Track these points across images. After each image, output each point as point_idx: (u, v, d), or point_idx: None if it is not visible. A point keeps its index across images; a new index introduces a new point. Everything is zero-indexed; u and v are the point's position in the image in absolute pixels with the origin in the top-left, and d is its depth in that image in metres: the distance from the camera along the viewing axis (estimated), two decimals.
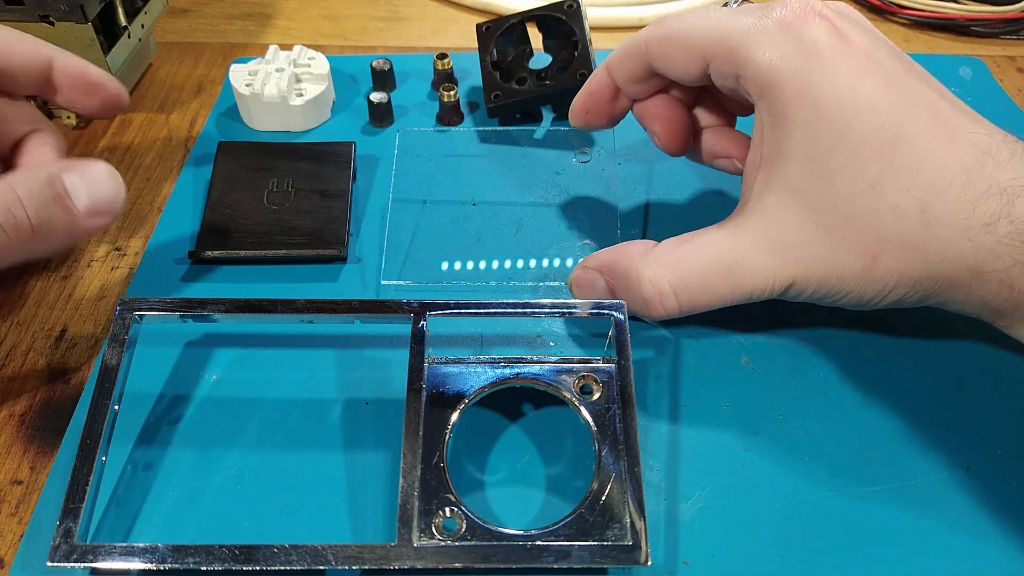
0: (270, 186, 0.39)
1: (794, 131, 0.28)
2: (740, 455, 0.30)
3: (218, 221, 0.37)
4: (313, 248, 0.36)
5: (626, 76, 0.35)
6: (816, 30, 0.28)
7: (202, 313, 0.31)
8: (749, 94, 0.30)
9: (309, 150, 0.41)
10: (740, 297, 0.30)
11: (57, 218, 0.28)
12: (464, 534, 0.26)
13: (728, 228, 0.30)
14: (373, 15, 0.55)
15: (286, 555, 0.25)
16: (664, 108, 0.36)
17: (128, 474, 0.29)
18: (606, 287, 0.32)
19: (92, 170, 0.29)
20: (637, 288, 0.31)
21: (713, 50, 0.30)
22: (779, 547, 0.28)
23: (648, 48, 0.33)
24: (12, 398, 0.32)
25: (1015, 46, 0.52)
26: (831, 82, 0.28)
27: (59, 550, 0.25)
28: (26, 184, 0.27)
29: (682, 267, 0.30)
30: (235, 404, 0.31)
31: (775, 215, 0.29)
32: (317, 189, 0.39)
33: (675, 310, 0.30)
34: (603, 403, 0.29)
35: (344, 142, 0.41)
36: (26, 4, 0.41)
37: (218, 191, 0.39)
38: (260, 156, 0.40)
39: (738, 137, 0.37)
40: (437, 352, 0.31)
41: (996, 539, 0.28)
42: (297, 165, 0.40)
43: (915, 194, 0.27)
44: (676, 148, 0.36)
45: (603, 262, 0.32)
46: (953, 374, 0.33)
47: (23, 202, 0.27)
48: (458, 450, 0.30)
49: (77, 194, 0.28)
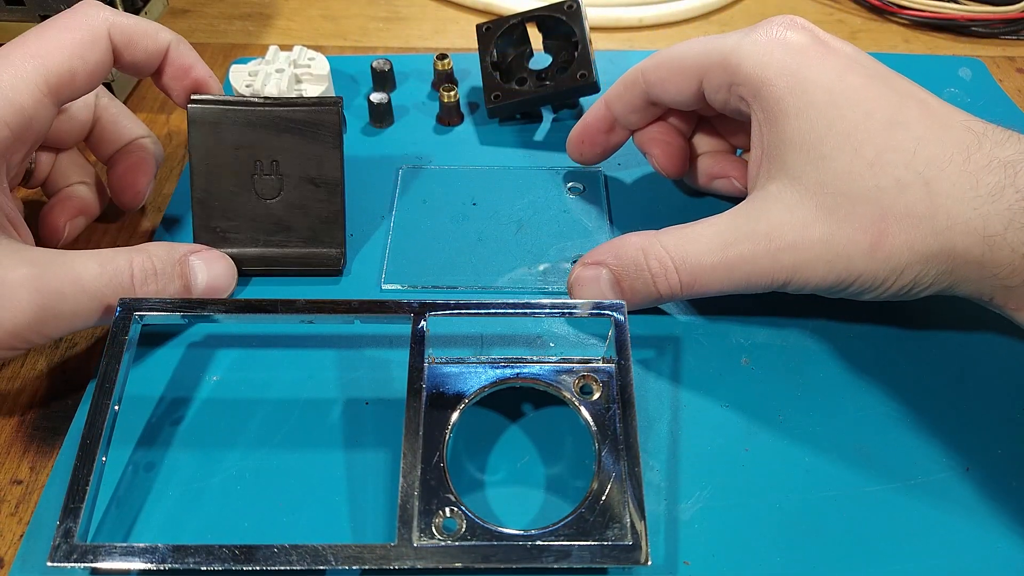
0: (256, 169, 0.35)
1: (788, 122, 0.29)
2: (740, 455, 0.30)
3: (207, 218, 0.35)
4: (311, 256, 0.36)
5: (624, 107, 0.36)
6: (800, 36, 0.30)
7: (202, 313, 0.31)
8: (743, 99, 0.31)
9: (291, 119, 0.35)
10: (738, 280, 0.30)
11: (177, 292, 0.33)
12: (464, 534, 0.26)
13: (729, 214, 0.31)
14: (373, 15, 0.55)
15: (286, 555, 0.25)
16: (662, 133, 0.37)
17: (129, 474, 0.29)
18: (610, 279, 0.32)
19: (214, 262, 0.34)
20: (645, 266, 0.31)
21: (705, 65, 0.32)
22: (779, 547, 0.28)
23: (645, 76, 0.35)
24: (12, 398, 0.33)
25: (1015, 46, 0.52)
26: (818, 75, 0.29)
27: (59, 550, 0.25)
28: (162, 259, 0.32)
29: (684, 246, 0.30)
30: (235, 404, 0.31)
31: (774, 200, 0.29)
32: (307, 176, 0.36)
33: (677, 287, 0.31)
34: (603, 403, 0.29)
35: (328, 101, 0.36)
36: (27, 4, 0.41)
37: (201, 178, 0.35)
38: (239, 127, 0.35)
39: (735, 160, 0.37)
40: (437, 352, 0.31)
41: (996, 539, 0.28)
42: (279, 140, 0.35)
43: (916, 169, 0.27)
44: (673, 170, 0.37)
45: (606, 252, 0.32)
46: (953, 374, 0.33)
47: (157, 275, 0.32)
48: (458, 450, 0.30)
49: (196, 279, 0.33)
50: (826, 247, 0.28)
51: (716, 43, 0.32)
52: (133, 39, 0.33)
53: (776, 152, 0.30)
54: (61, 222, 0.36)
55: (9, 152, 0.30)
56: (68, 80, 0.31)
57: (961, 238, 0.27)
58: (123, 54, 0.33)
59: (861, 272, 0.28)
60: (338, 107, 0.35)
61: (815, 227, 0.28)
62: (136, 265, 0.31)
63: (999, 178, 0.26)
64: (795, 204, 0.29)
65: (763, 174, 0.31)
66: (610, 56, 0.49)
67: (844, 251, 0.28)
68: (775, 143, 0.30)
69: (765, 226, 0.29)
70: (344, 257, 0.36)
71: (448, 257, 0.37)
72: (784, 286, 0.30)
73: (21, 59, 0.30)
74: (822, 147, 0.28)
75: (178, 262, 0.33)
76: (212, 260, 0.34)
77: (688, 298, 0.32)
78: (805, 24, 0.31)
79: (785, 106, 0.29)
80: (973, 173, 0.27)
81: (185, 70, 0.35)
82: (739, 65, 0.31)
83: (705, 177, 0.38)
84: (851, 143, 0.28)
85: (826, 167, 0.28)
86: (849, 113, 0.28)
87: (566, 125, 0.44)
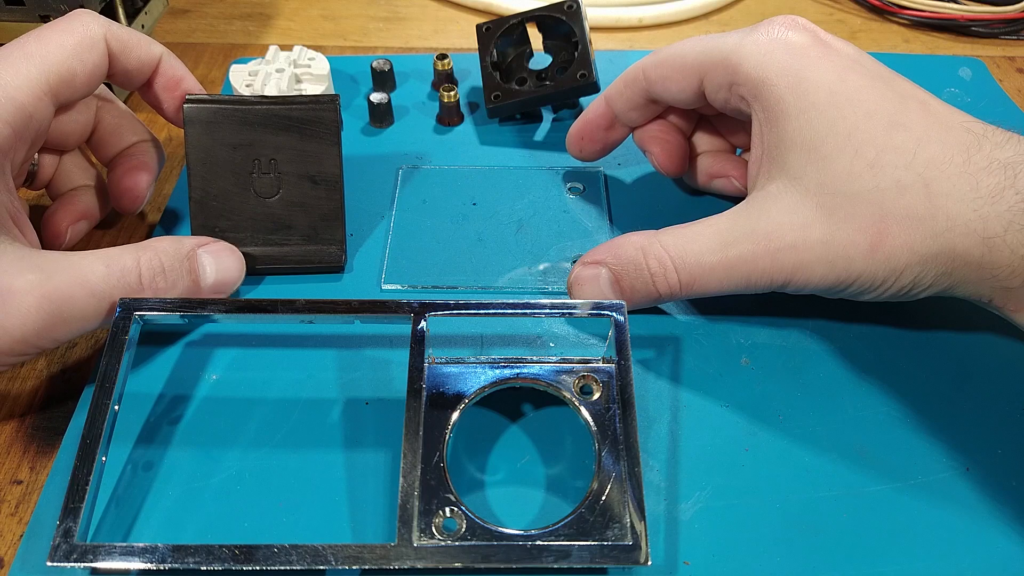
0: (254, 168, 0.35)
1: (788, 122, 0.29)
2: (740, 455, 0.30)
3: (206, 218, 0.35)
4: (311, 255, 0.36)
5: (625, 104, 0.36)
6: (801, 36, 0.30)
7: (202, 313, 0.31)
8: (743, 99, 0.31)
9: (288, 116, 0.35)
10: (738, 280, 0.30)
11: (186, 288, 0.32)
12: (464, 534, 0.26)
13: (729, 214, 0.31)
14: (373, 15, 0.55)
15: (286, 555, 0.25)
16: (662, 132, 0.37)
17: (128, 474, 0.29)
18: (610, 278, 0.32)
19: (223, 255, 0.33)
20: (644, 265, 0.31)
21: (706, 64, 0.32)
22: (779, 547, 0.28)
23: (646, 74, 0.35)
24: (12, 398, 0.33)
25: (1015, 46, 0.52)
26: (820, 76, 0.29)
27: (59, 550, 0.25)
28: (169, 256, 0.32)
29: (684, 246, 0.30)
30: (235, 404, 0.31)
31: (774, 201, 0.29)
32: (306, 173, 0.35)
33: (676, 287, 0.31)
34: (603, 403, 0.29)
35: (326, 99, 0.36)
36: (27, 4, 0.41)
37: (199, 178, 0.35)
38: (235, 126, 0.35)
39: (735, 159, 0.37)
40: (437, 353, 0.31)
41: (996, 539, 0.28)
42: (277, 138, 0.35)
43: (916, 170, 0.27)
44: (673, 168, 0.37)
45: (605, 252, 0.32)
46: (953, 374, 0.33)
47: (165, 272, 0.31)
48: (458, 450, 0.30)
49: (205, 273, 0.33)
50: (826, 248, 0.28)
51: (717, 42, 0.32)
52: (128, 46, 0.33)
53: (776, 152, 0.30)
54: (64, 226, 0.36)
55: (11, 151, 0.30)
56: (68, 80, 0.31)
57: (961, 239, 0.27)
58: (118, 59, 0.33)
59: (861, 273, 0.28)
60: (335, 104, 0.36)
61: (815, 228, 0.28)
62: (143, 263, 0.31)
63: (999, 179, 0.26)
64: (795, 205, 0.29)
65: (763, 174, 0.31)
66: (610, 56, 0.49)
67: (844, 252, 0.28)
68: (775, 143, 0.30)
69: (765, 226, 0.29)
70: (345, 254, 0.36)
71: (448, 257, 0.37)
72: (784, 286, 0.30)
73: (21, 59, 0.30)
74: (823, 148, 0.28)
75: (186, 257, 0.32)
76: (220, 253, 0.33)
77: (688, 298, 0.32)
78: (807, 24, 0.31)
79: (786, 106, 0.29)
80: (973, 174, 0.27)
81: (176, 81, 0.35)
82: (740, 65, 0.31)
83: (704, 176, 0.38)
84: (852, 144, 0.28)
85: (827, 168, 0.28)
86: (850, 114, 0.28)
87: (566, 125, 0.44)
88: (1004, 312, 0.29)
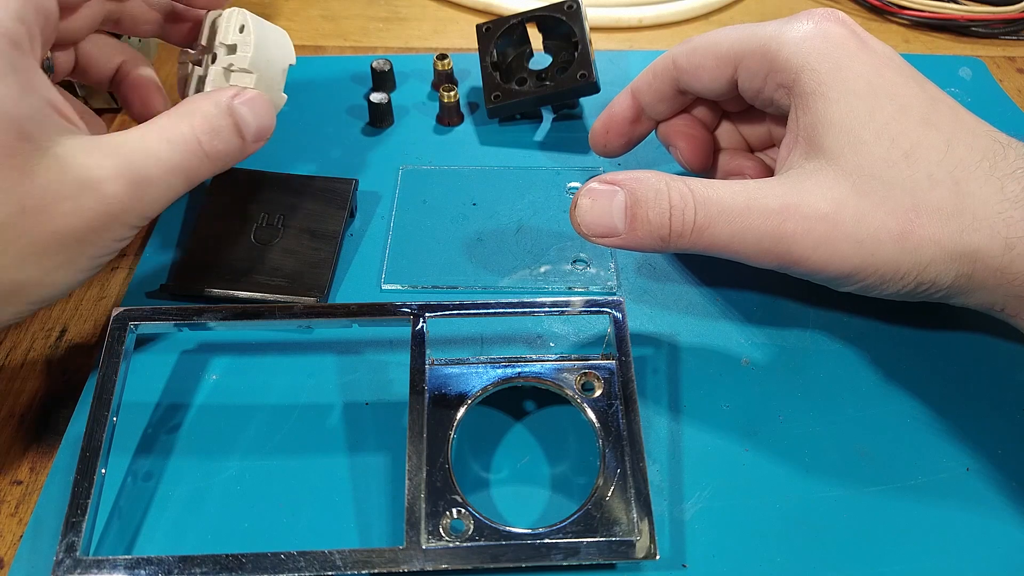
0: (259, 220, 0.37)
1: (829, 105, 0.29)
2: (740, 455, 0.30)
3: (199, 254, 0.36)
4: (291, 292, 0.34)
5: (653, 95, 0.36)
6: (840, 29, 0.30)
7: (198, 321, 0.30)
8: (781, 86, 0.31)
9: (308, 185, 0.38)
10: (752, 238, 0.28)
11: (236, 147, 0.30)
12: (472, 535, 0.26)
13: (760, 180, 0.30)
14: (373, 15, 0.55)
15: (294, 562, 0.25)
16: (688, 126, 0.37)
17: (128, 484, 0.29)
18: (623, 203, 0.29)
19: (256, 101, 0.31)
20: (666, 195, 0.29)
21: (742, 52, 0.32)
22: (779, 547, 0.28)
23: (676, 63, 0.34)
24: (12, 398, 0.32)
25: (1015, 46, 0.52)
26: (859, 67, 0.29)
27: (63, 565, 0.25)
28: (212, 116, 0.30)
29: (709, 189, 0.29)
30: (233, 410, 0.31)
31: (809, 176, 0.29)
32: (308, 228, 0.37)
33: (691, 226, 0.29)
34: (605, 400, 0.29)
35: (345, 180, 0.38)
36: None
37: (205, 223, 0.37)
38: (255, 188, 0.38)
39: (752, 157, 0.37)
40: (437, 354, 0.31)
41: (996, 539, 0.28)
42: (292, 200, 0.37)
43: (947, 168, 0.28)
44: (698, 164, 0.37)
45: (625, 175, 0.30)
46: (953, 374, 0.33)
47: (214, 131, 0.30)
48: (462, 451, 0.30)
49: (249, 126, 0.31)
50: (857, 226, 0.28)
51: (754, 30, 0.32)
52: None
53: (814, 133, 0.30)
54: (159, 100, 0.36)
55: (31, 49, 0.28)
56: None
57: (986, 240, 0.27)
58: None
59: (886, 260, 0.28)
60: (353, 184, 0.38)
61: (849, 205, 0.28)
62: (199, 129, 0.29)
63: (1023, 186, 0.27)
64: (831, 182, 0.28)
65: (798, 154, 0.30)
66: (610, 56, 0.49)
67: (874, 234, 0.28)
68: (814, 124, 0.30)
69: (798, 194, 0.28)
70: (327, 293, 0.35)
71: (448, 257, 0.37)
72: (800, 262, 0.28)
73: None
74: (862, 133, 0.28)
75: (227, 113, 0.30)
76: (253, 101, 0.31)
77: (694, 248, 0.30)
78: (845, 19, 0.31)
79: (827, 89, 0.29)
80: (999, 179, 0.27)
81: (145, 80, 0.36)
82: (779, 51, 0.30)
83: (720, 173, 0.37)
84: (888, 133, 0.28)
85: (864, 152, 0.28)
86: (887, 105, 0.29)
87: (566, 125, 0.44)
88: (1016, 321, 0.29)
